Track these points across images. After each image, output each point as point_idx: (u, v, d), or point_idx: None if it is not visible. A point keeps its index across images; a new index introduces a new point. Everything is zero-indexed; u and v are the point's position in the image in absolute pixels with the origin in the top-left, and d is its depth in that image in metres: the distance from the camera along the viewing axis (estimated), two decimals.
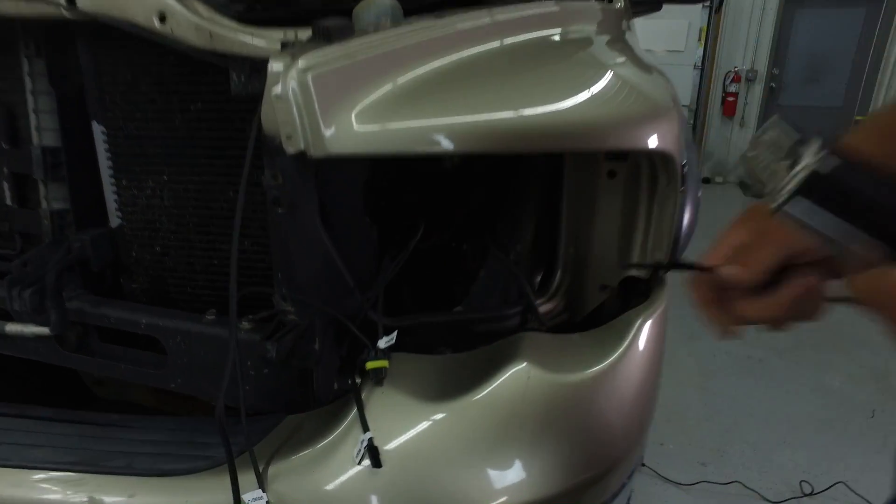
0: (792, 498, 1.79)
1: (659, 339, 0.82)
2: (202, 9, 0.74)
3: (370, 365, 0.63)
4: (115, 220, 0.94)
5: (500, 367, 0.67)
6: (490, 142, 0.65)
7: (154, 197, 0.90)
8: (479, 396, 0.65)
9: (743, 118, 6.91)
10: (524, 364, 0.67)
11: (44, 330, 0.83)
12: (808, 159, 0.28)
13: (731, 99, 6.87)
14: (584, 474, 0.72)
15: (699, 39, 6.67)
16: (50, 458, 0.74)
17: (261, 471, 0.63)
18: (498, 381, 0.66)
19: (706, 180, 7.00)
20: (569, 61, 0.81)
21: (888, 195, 0.26)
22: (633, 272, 0.89)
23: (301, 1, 1.60)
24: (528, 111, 0.66)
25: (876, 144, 0.39)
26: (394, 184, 0.82)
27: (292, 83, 0.57)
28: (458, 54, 0.73)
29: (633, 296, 0.88)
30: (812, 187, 0.27)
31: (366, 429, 0.61)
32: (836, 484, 1.82)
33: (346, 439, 0.62)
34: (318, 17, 0.66)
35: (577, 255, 0.88)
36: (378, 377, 0.64)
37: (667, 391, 2.33)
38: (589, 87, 0.74)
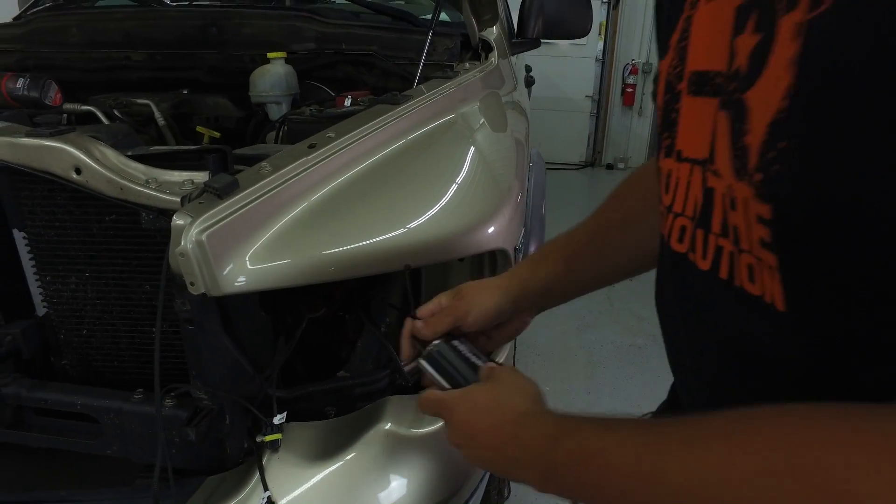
0: None
1: None
2: (112, 156, 0.90)
3: (266, 438, 0.84)
4: (41, 309, 1.09)
5: (369, 427, 0.90)
6: (364, 267, 0.87)
7: (78, 290, 1.05)
8: (352, 454, 0.88)
9: (641, 108, 7.43)
10: (388, 425, 0.91)
11: None
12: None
13: (629, 90, 7.35)
14: (440, 496, 0.97)
15: (599, 34, 7.09)
16: None
17: None
18: (366, 440, 0.89)
19: (609, 166, 7.52)
20: (422, 176, 1.03)
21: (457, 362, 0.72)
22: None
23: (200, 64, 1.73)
24: (386, 236, 0.89)
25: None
26: None
27: (191, 243, 0.75)
28: (334, 184, 0.93)
29: None
30: (428, 357, 0.72)
31: (265, 489, 0.82)
32: None
33: (251, 498, 0.83)
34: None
35: None
36: (274, 447, 0.85)
37: (556, 384, 2.67)
38: (438, 203, 0.97)
